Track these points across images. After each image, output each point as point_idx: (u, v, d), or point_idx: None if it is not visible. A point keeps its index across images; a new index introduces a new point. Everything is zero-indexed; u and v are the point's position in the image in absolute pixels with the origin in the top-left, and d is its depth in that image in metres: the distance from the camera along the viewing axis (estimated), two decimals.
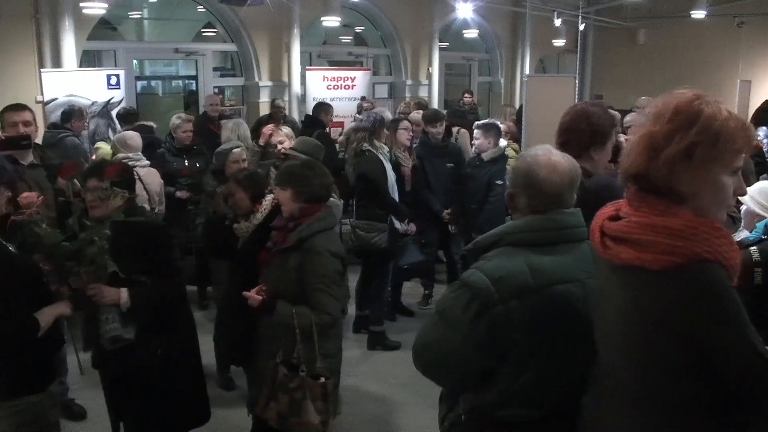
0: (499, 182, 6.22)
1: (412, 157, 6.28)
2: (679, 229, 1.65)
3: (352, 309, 5.75)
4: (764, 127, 9.23)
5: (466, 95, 12.41)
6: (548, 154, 2.25)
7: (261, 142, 5.68)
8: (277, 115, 8.95)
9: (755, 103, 14.09)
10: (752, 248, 2.47)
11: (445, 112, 8.87)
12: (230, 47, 10.70)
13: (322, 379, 3.22)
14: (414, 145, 6.51)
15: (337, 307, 3.34)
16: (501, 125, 7.76)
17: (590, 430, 2.02)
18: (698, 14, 13.76)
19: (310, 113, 9.35)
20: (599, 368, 1.97)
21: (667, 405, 1.77)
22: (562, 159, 2.25)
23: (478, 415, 2.26)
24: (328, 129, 8.75)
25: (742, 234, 2.60)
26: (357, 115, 9.48)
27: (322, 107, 8.88)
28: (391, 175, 5.82)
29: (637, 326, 1.76)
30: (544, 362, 2.08)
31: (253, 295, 3.33)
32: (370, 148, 5.72)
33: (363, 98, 10.71)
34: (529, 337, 2.10)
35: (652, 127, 1.72)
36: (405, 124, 6.33)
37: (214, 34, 11.14)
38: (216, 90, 10.47)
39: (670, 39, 16.62)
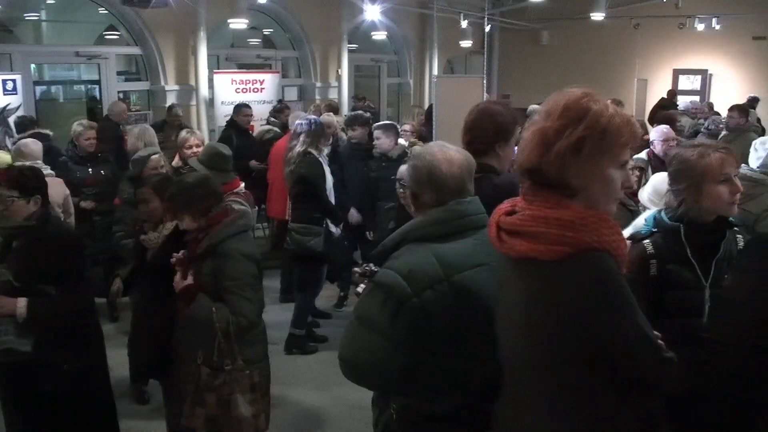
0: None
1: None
2: (569, 220, 1.74)
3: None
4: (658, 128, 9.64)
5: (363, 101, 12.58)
6: (444, 149, 2.35)
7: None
8: (173, 123, 8.73)
9: (651, 100, 14.73)
10: (645, 241, 2.57)
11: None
12: (134, 50, 10.40)
13: (248, 371, 3.18)
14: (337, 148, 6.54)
15: (253, 311, 3.28)
16: (406, 125, 7.84)
17: (499, 422, 2.07)
18: (597, 16, 14.26)
19: (218, 117, 9.23)
20: (503, 360, 2.03)
21: (568, 392, 1.85)
22: (456, 152, 2.36)
23: (409, 412, 2.30)
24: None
25: (635, 228, 2.70)
26: (272, 119, 9.38)
27: (235, 108, 8.70)
28: (329, 179, 5.82)
29: (535, 317, 1.83)
30: (466, 349, 2.12)
31: (180, 281, 3.24)
32: (311, 150, 5.69)
33: (280, 101, 10.62)
34: (448, 326, 2.15)
35: (544, 123, 1.80)
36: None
37: (118, 36, 10.80)
38: (121, 95, 10.17)
39: (572, 40, 17.19)
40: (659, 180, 3.66)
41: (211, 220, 3.32)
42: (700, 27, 15.54)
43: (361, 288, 2.93)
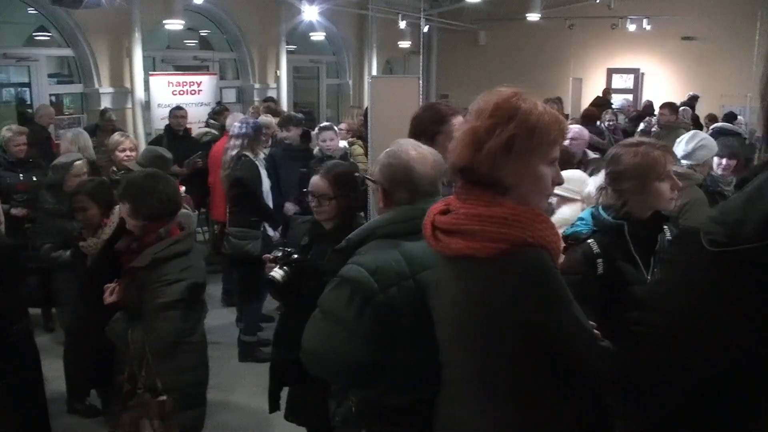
0: (357, 174, 6.33)
1: None
2: (503, 217, 1.76)
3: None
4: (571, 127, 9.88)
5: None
6: (417, 148, 2.39)
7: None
8: (106, 127, 8.50)
9: (586, 98, 15.04)
10: (589, 240, 2.61)
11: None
12: (66, 52, 10.12)
13: (162, 398, 3.07)
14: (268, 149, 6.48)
15: (170, 333, 3.14)
16: (342, 124, 7.86)
17: (440, 419, 2.09)
18: (533, 17, 14.49)
19: (154, 120, 9.05)
20: (441, 359, 2.05)
21: (506, 387, 1.88)
22: (428, 152, 2.41)
23: (369, 405, 2.34)
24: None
25: (574, 227, 2.75)
26: (211, 121, 9.25)
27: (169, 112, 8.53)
28: (266, 182, 5.76)
29: (472, 313, 1.86)
30: (429, 344, 2.14)
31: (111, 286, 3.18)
32: (247, 153, 5.62)
33: (219, 103, 10.48)
34: (413, 322, 2.19)
35: (475, 123, 1.82)
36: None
37: (48, 38, 10.51)
38: (53, 98, 9.89)
39: (508, 40, 17.45)
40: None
41: (146, 228, 3.19)
42: (632, 28, 15.97)
43: (276, 274, 2.91)
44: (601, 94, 14.51)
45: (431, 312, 2.11)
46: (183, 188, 4.70)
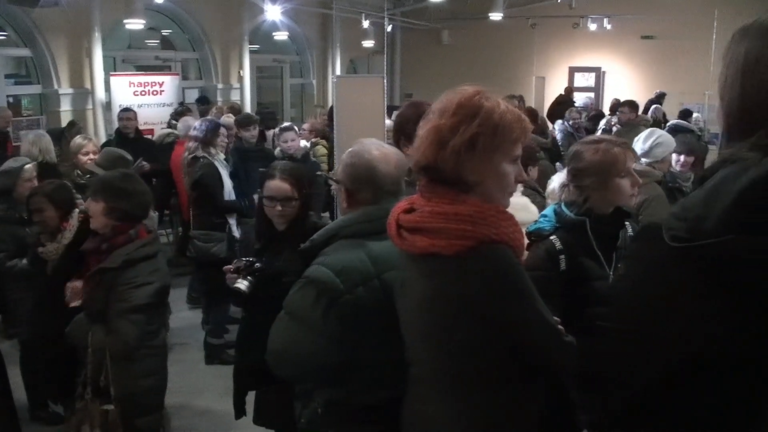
0: (319, 173, 6.37)
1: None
2: (468, 214, 1.78)
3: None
4: (559, 121, 10.00)
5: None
6: (380, 148, 2.40)
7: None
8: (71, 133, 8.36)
9: (549, 97, 15.20)
10: (552, 237, 2.64)
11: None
12: (23, 52, 9.93)
13: (107, 406, 3.03)
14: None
15: (135, 336, 3.11)
16: (305, 124, 7.85)
17: (407, 417, 2.10)
18: (496, 16, 14.57)
19: (115, 122, 8.88)
20: (407, 357, 2.06)
21: (473, 383, 1.90)
22: (391, 151, 2.42)
23: (336, 406, 2.34)
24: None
25: (538, 223, 2.78)
26: (174, 122, 9.14)
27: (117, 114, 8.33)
28: (227, 182, 5.69)
29: (437, 311, 1.87)
30: (395, 343, 2.14)
31: (74, 284, 3.14)
32: (204, 154, 5.57)
33: (181, 104, 10.37)
34: (379, 321, 2.18)
35: (438, 121, 1.83)
36: (222, 130, 6.22)
37: (5, 37, 10.30)
38: (10, 99, 9.70)
39: (472, 39, 17.52)
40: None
41: (117, 229, 3.17)
42: (593, 27, 16.16)
43: (241, 285, 2.91)
44: (563, 93, 14.67)
45: (397, 311, 2.11)
46: None
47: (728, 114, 1.32)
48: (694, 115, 11.32)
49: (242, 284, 2.95)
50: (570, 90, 15.26)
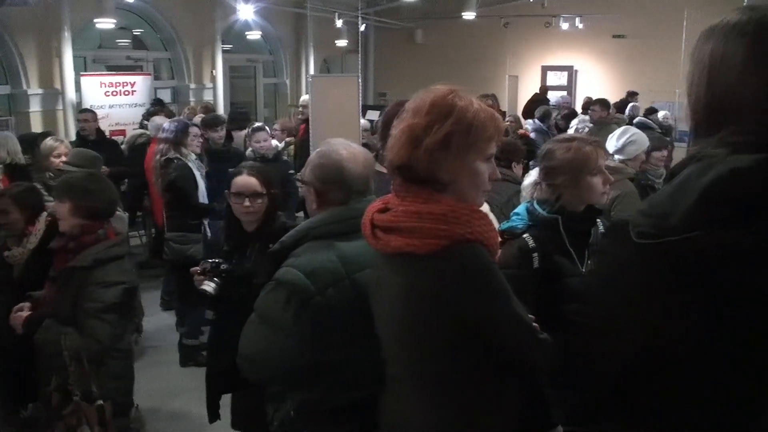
0: (291, 172, 6.36)
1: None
2: (442, 213, 1.78)
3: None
4: (530, 120, 10.06)
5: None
6: (348, 148, 2.40)
7: None
8: None
9: (522, 95, 15.29)
10: (525, 235, 2.66)
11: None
12: None
13: (99, 402, 3.01)
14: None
15: (109, 335, 3.11)
16: (276, 124, 7.84)
17: (384, 416, 2.10)
18: (469, 15, 14.62)
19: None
20: (384, 356, 2.06)
21: (448, 381, 1.90)
22: (359, 150, 2.42)
23: (308, 407, 2.34)
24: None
25: (510, 221, 2.80)
26: (146, 122, 9.05)
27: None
28: (201, 183, 5.64)
29: (412, 310, 1.87)
30: (367, 343, 2.14)
31: (17, 314, 3.10)
32: (177, 155, 5.51)
33: (157, 102, 10.27)
34: (351, 322, 2.18)
35: (412, 121, 1.83)
36: (194, 130, 6.18)
37: None
38: None
39: (445, 38, 17.57)
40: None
41: (85, 228, 3.16)
42: (565, 26, 16.26)
43: (208, 287, 2.90)
44: (538, 91, 14.75)
45: (370, 311, 2.11)
46: None
47: (695, 112, 1.34)
48: (662, 112, 11.46)
49: (209, 286, 2.95)
50: (545, 89, 15.35)
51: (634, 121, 9.49)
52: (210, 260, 3.01)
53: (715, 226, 1.16)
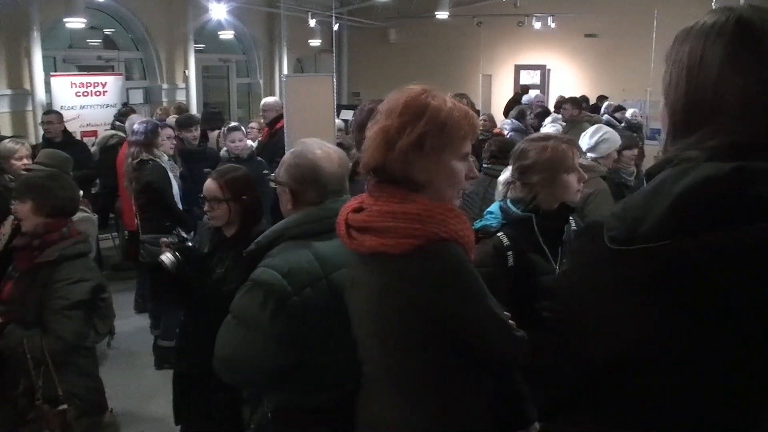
0: (266, 172, 6.36)
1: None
2: (416, 213, 1.79)
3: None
4: (507, 120, 10.10)
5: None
6: (322, 147, 2.41)
7: None
8: None
9: (496, 94, 15.36)
10: (500, 234, 2.67)
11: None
12: None
13: (63, 406, 3.00)
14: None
15: (74, 332, 3.11)
16: (252, 123, 7.82)
17: (361, 417, 2.10)
18: (442, 15, 14.64)
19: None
20: (360, 356, 2.06)
21: (423, 380, 1.91)
22: (333, 150, 2.42)
23: (285, 409, 2.34)
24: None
25: (484, 220, 2.81)
26: (117, 123, 8.96)
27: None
28: (175, 184, 5.60)
29: (388, 310, 1.87)
30: (343, 343, 2.14)
31: None
32: (150, 157, 5.45)
33: (125, 104, 10.16)
34: (328, 322, 2.19)
35: (385, 122, 1.83)
36: (167, 131, 6.13)
37: None
38: None
39: (418, 38, 17.60)
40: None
41: (48, 226, 3.15)
42: (538, 25, 16.37)
43: (166, 258, 2.92)
44: (519, 91, 14.79)
45: (347, 311, 2.11)
46: (80, 192, 4.49)
47: (672, 113, 1.35)
48: (630, 110, 11.59)
49: (167, 258, 2.97)
50: (526, 88, 15.37)
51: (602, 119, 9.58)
52: (182, 234, 3.03)
53: (686, 234, 1.17)
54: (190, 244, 3.00)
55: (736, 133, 1.23)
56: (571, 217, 2.76)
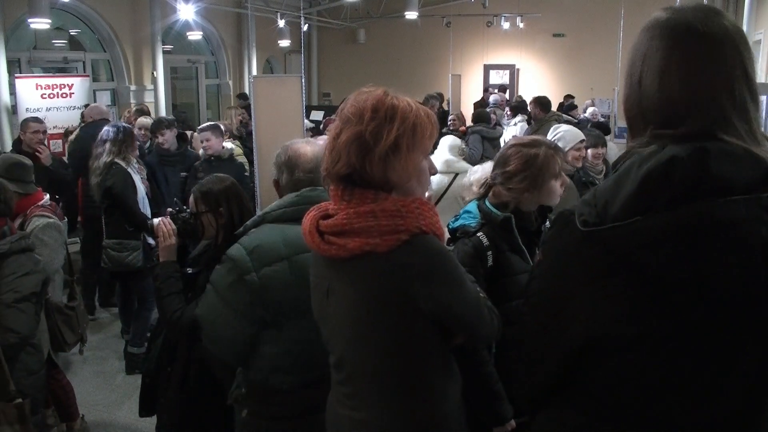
0: (246, 174, 6.32)
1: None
2: (395, 209, 1.80)
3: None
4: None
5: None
6: (308, 142, 2.66)
7: None
8: None
9: (465, 94, 15.44)
10: (479, 234, 2.67)
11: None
12: None
13: (18, 400, 3.02)
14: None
15: (27, 325, 3.13)
16: (221, 125, 7.78)
17: (337, 421, 2.09)
18: (411, 15, 14.68)
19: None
20: (333, 361, 2.05)
21: (404, 377, 1.92)
22: (314, 142, 2.68)
23: (255, 386, 2.51)
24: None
25: (460, 219, 2.81)
26: (82, 124, 8.82)
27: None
28: (140, 189, 5.50)
29: (373, 312, 1.86)
30: (302, 324, 2.30)
31: None
32: (117, 160, 5.37)
33: (87, 106, 10.01)
34: (287, 303, 2.39)
35: (357, 127, 1.81)
36: (140, 133, 6.06)
37: None
38: None
39: (388, 38, 17.66)
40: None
41: None
42: (506, 25, 16.51)
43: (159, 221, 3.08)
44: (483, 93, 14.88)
45: (306, 293, 2.12)
46: (47, 196, 4.38)
47: (628, 109, 1.42)
48: (590, 109, 11.75)
49: (165, 222, 3.08)
50: (504, 88, 15.45)
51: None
52: (184, 208, 3.13)
53: (652, 212, 1.24)
54: (185, 215, 3.05)
55: (685, 125, 1.30)
56: (549, 216, 2.78)
